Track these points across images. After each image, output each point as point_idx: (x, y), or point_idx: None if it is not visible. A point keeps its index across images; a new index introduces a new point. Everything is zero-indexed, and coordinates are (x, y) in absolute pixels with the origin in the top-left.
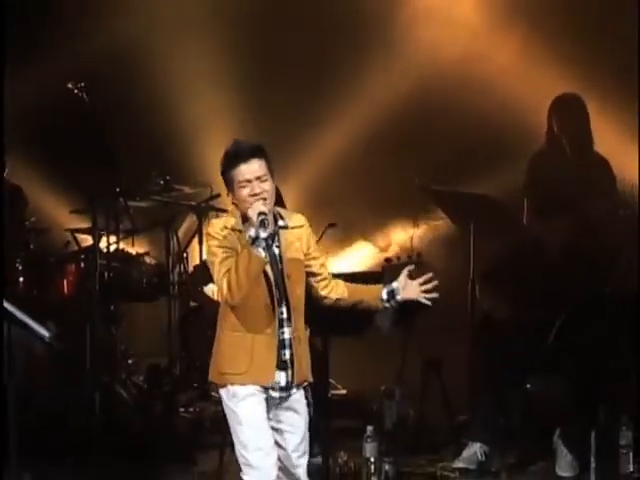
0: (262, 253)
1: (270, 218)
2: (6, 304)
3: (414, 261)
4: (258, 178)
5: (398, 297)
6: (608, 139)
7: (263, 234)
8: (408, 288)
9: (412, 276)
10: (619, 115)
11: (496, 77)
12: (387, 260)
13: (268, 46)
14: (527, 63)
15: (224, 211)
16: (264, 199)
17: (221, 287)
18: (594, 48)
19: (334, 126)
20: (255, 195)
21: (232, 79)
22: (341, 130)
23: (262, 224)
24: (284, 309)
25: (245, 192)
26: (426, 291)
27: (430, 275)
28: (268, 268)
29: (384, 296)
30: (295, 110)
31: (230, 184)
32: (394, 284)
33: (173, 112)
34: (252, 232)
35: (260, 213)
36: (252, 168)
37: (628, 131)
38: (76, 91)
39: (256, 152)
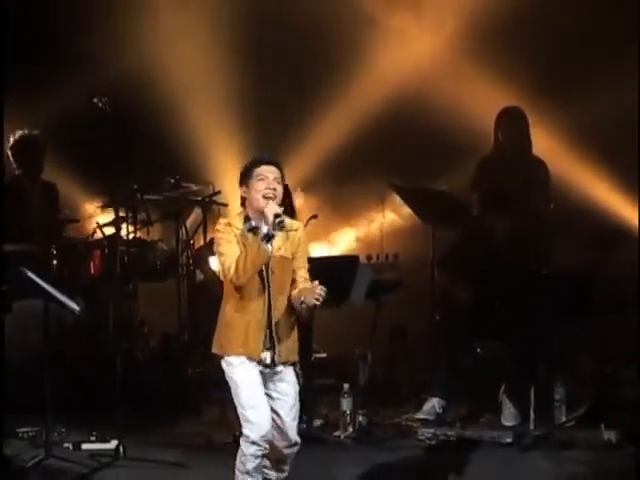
0: (269, 248)
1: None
2: (42, 282)
3: (390, 262)
4: (275, 178)
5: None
6: (544, 144)
7: (274, 232)
8: (308, 296)
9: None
10: (554, 124)
11: (453, 92)
12: (368, 258)
13: (266, 66)
14: (478, 81)
15: (225, 205)
16: (274, 197)
17: (229, 269)
18: (534, 69)
19: (321, 131)
20: (269, 189)
21: (233, 95)
22: (327, 134)
23: (279, 225)
24: (268, 298)
25: (262, 185)
26: (318, 298)
27: (320, 287)
28: None
29: (300, 299)
30: (287, 120)
31: (249, 179)
32: (301, 297)
33: (182, 122)
34: (265, 229)
35: (276, 215)
36: (272, 169)
37: (561, 136)
38: (100, 104)
39: (276, 162)
